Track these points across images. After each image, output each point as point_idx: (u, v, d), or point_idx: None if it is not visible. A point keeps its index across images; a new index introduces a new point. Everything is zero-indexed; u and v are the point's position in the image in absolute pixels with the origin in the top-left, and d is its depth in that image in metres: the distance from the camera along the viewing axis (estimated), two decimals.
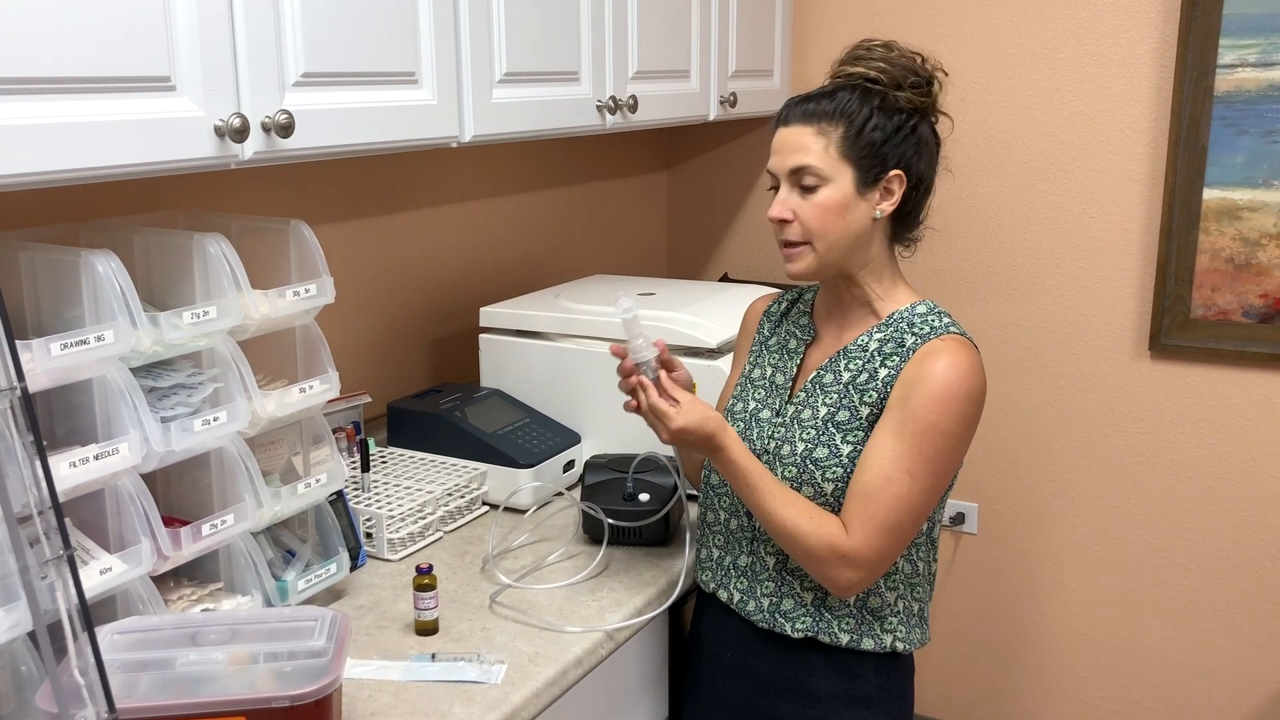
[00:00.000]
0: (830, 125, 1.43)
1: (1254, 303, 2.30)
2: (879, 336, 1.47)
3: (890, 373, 1.43)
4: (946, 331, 1.44)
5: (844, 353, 1.49)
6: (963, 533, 2.72)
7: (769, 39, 2.58)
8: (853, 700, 1.50)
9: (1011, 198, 2.52)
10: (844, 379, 1.47)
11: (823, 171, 1.42)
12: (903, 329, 1.46)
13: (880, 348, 1.46)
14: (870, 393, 1.44)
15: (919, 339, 1.44)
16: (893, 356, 1.44)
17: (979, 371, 1.43)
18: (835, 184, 1.43)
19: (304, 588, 1.49)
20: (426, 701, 1.33)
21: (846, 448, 1.44)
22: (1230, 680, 2.49)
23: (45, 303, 1.31)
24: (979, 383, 1.42)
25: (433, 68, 1.59)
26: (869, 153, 1.42)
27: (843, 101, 1.43)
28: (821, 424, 1.46)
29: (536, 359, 2.04)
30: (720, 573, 1.58)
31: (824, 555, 1.40)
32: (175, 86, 1.22)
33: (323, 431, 1.56)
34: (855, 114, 1.43)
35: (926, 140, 1.47)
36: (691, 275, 3.00)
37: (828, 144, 1.42)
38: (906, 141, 1.44)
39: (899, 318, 1.48)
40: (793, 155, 1.44)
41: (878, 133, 1.42)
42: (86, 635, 0.95)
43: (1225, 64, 2.22)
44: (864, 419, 1.44)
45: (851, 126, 1.42)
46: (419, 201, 2.22)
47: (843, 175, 1.43)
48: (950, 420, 1.39)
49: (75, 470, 1.18)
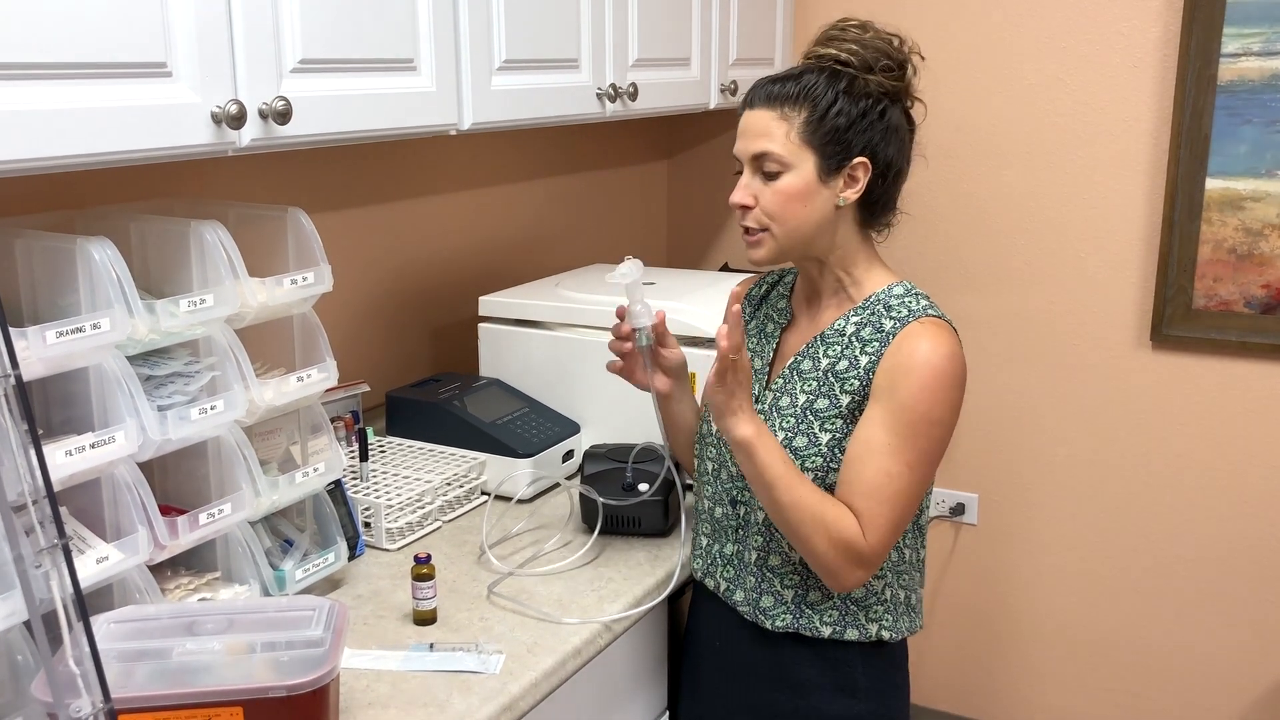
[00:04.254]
0: (793, 110, 1.39)
1: (1256, 293, 2.29)
2: (856, 320, 1.45)
3: (871, 359, 1.41)
4: (925, 314, 1.41)
5: (821, 338, 1.47)
6: (963, 523, 2.71)
7: (770, 26, 2.57)
8: (840, 689, 1.49)
9: (1013, 187, 2.51)
10: (822, 365, 1.45)
11: (784, 158, 1.39)
12: (879, 312, 1.43)
13: (858, 332, 1.44)
14: (851, 380, 1.42)
15: (897, 323, 1.41)
16: (872, 342, 1.42)
17: (959, 355, 1.41)
18: (797, 171, 1.39)
19: (302, 577, 1.48)
20: (424, 691, 1.33)
21: (825, 436, 1.42)
22: (1231, 671, 2.49)
23: (41, 290, 1.30)
24: (961, 366, 1.41)
25: (432, 54, 1.58)
26: (831, 139, 1.38)
27: (808, 84, 1.39)
28: (801, 412, 1.44)
29: (536, 348, 2.04)
30: (708, 560, 1.57)
31: (839, 552, 1.36)
32: (172, 73, 1.21)
33: (321, 420, 1.55)
34: (820, 98, 1.38)
35: (896, 126, 1.42)
36: (692, 264, 3.00)
37: (789, 129, 1.39)
38: (874, 128, 1.39)
39: (875, 300, 1.45)
40: (755, 141, 1.41)
41: (841, 118, 1.38)
42: (82, 625, 0.94)
43: (1229, 53, 2.21)
44: (844, 407, 1.42)
45: (815, 111, 1.38)
46: (418, 189, 2.21)
47: (804, 162, 1.39)
48: (940, 408, 1.38)
49: (71, 459, 1.18)
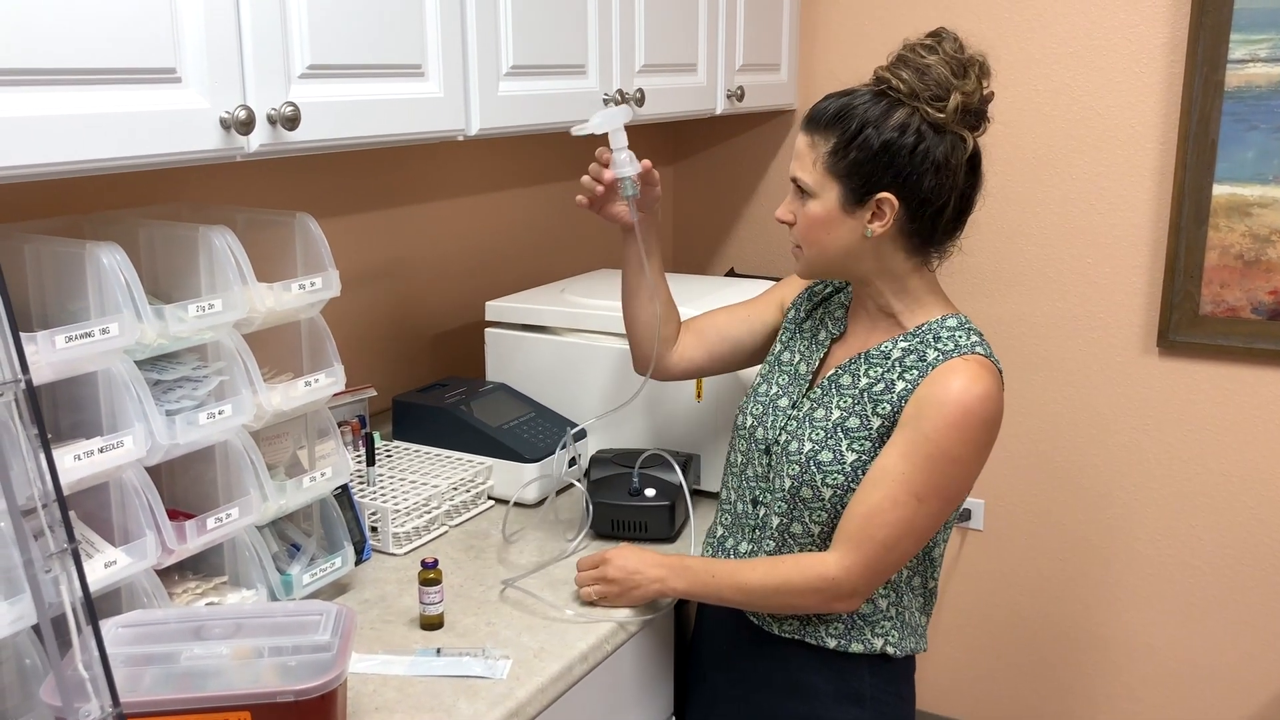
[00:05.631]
0: (822, 137, 1.38)
1: (1263, 299, 2.29)
2: (903, 346, 1.43)
3: (907, 386, 1.39)
4: (971, 351, 1.39)
5: (865, 356, 1.46)
6: (969, 529, 2.71)
7: (776, 32, 2.57)
8: (845, 698, 1.49)
9: (1019, 192, 2.51)
10: (861, 384, 1.44)
11: (810, 186, 1.39)
12: (928, 341, 1.41)
13: (903, 358, 1.42)
14: (884, 404, 1.40)
15: (941, 355, 1.39)
16: (912, 370, 1.40)
17: (995, 397, 1.37)
18: (821, 199, 1.39)
19: (309, 582, 1.48)
20: (431, 697, 1.33)
21: (851, 455, 1.41)
22: (1238, 679, 2.48)
23: (50, 295, 1.31)
24: (994, 409, 1.37)
25: (439, 60, 1.58)
26: (853, 171, 1.36)
27: (845, 109, 1.37)
28: (831, 427, 1.44)
29: (542, 353, 2.04)
30: (722, 555, 1.57)
31: (818, 587, 1.40)
32: (181, 78, 1.22)
33: (328, 425, 1.55)
34: (847, 127, 1.36)
35: (937, 159, 1.35)
36: (698, 270, 2.99)
37: (816, 158, 1.38)
38: (900, 161, 1.34)
39: (926, 329, 1.43)
40: (794, 163, 1.43)
41: (863, 152, 1.35)
42: (90, 629, 0.95)
43: (1236, 59, 2.21)
44: (874, 430, 1.41)
45: (840, 141, 1.36)
46: (425, 195, 2.21)
47: (828, 191, 1.38)
48: (962, 448, 1.36)
49: (80, 463, 1.18)
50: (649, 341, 1.67)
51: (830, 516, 1.43)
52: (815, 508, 1.43)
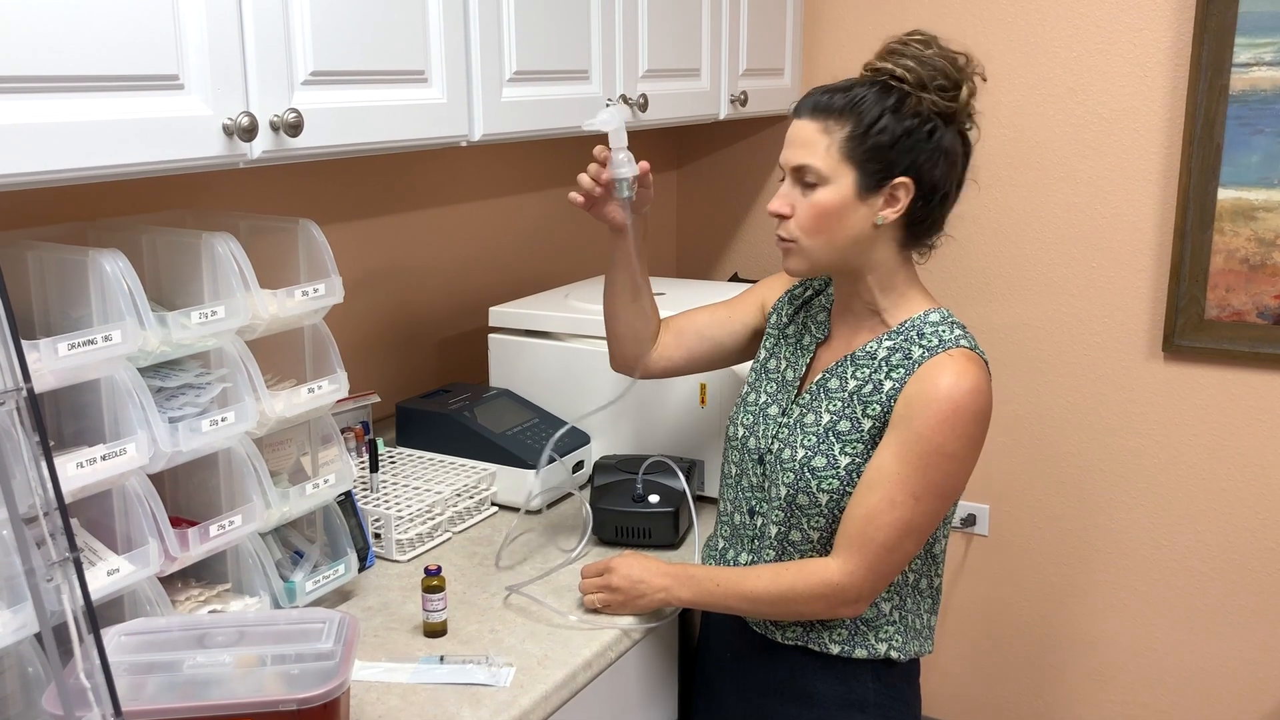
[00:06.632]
0: (836, 123, 1.37)
1: (1269, 304, 2.28)
2: (888, 344, 1.43)
3: (895, 385, 1.39)
4: (956, 345, 1.39)
5: (852, 358, 1.46)
6: (974, 534, 2.70)
7: (780, 37, 2.57)
8: (849, 704, 1.48)
9: (1023, 197, 2.50)
10: (849, 387, 1.44)
11: (822, 172, 1.37)
12: (912, 338, 1.42)
13: (888, 357, 1.42)
14: (874, 405, 1.41)
15: (926, 351, 1.39)
16: (899, 368, 1.40)
17: (984, 390, 1.38)
18: (834, 185, 1.37)
19: (312, 589, 1.48)
20: (434, 704, 1.32)
21: (844, 459, 1.41)
22: (1244, 684, 2.47)
23: (53, 302, 1.31)
24: (984, 402, 1.38)
25: (442, 66, 1.58)
26: (872, 156, 1.36)
27: (856, 98, 1.37)
28: (823, 432, 1.44)
29: (546, 359, 2.03)
30: (724, 565, 1.57)
31: (822, 593, 1.40)
32: (184, 85, 1.22)
33: (331, 432, 1.55)
34: (865, 113, 1.36)
35: (947, 148, 1.38)
36: (701, 274, 2.99)
37: (830, 143, 1.37)
38: (919, 148, 1.36)
39: (909, 326, 1.43)
40: (797, 151, 1.40)
41: (885, 135, 1.35)
42: (92, 637, 0.94)
43: (1240, 63, 2.20)
44: (865, 431, 1.41)
45: (859, 126, 1.36)
46: (428, 201, 2.21)
47: (843, 177, 1.37)
48: (955, 443, 1.36)
49: (83, 471, 1.18)
50: (629, 340, 1.66)
51: (828, 522, 1.43)
52: (813, 514, 1.43)
